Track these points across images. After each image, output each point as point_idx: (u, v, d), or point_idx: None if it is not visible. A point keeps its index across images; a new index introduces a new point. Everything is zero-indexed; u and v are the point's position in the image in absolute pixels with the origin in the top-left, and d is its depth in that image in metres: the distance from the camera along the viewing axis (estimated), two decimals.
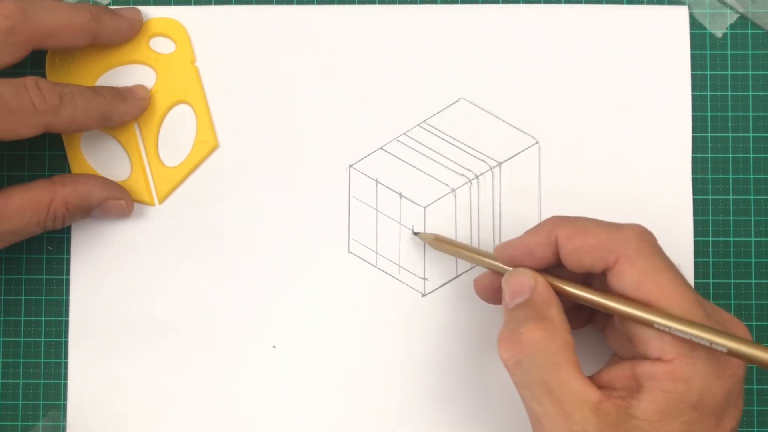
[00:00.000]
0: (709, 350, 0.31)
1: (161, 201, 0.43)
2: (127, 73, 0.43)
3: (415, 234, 0.42)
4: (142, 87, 0.42)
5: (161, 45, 0.43)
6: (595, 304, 0.34)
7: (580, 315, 0.38)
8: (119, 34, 0.41)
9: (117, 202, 0.41)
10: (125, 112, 0.41)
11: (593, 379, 0.34)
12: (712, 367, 0.32)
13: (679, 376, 0.32)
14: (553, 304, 0.34)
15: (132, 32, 0.42)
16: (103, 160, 0.43)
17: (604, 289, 0.34)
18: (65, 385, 0.42)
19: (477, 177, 0.43)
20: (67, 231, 0.43)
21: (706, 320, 0.32)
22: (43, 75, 0.42)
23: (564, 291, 0.35)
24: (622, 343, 0.36)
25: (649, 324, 0.32)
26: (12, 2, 0.37)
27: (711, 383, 0.32)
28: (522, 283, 0.35)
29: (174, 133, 0.43)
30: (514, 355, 0.33)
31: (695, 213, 0.43)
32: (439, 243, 0.41)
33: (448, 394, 0.42)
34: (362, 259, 0.43)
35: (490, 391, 0.42)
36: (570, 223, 0.35)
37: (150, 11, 0.43)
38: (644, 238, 0.33)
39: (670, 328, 0.32)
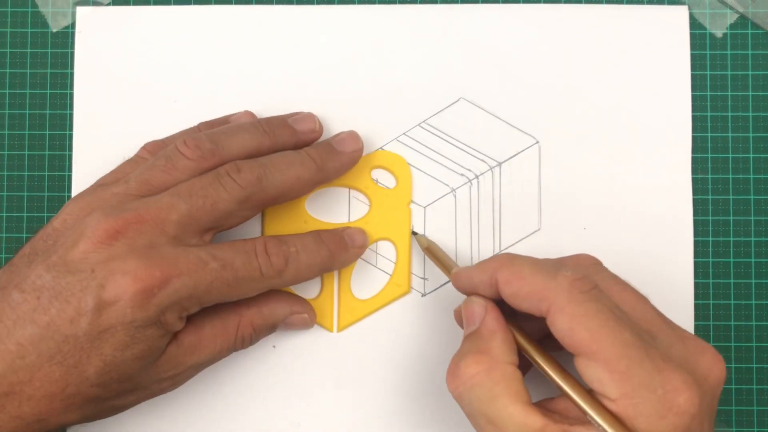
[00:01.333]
0: (652, 388, 0.31)
1: (340, 330, 0.42)
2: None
3: (414, 234, 0.42)
4: (362, 233, 0.41)
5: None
6: (534, 362, 0.35)
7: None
8: (340, 172, 0.41)
9: (300, 316, 0.41)
10: (344, 262, 0.40)
11: (551, 404, 0.34)
12: (656, 407, 0.31)
13: (623, 415, 0.32)
14: (496, 334, 0.35)
15: (352, 165, 0.41)
16: None
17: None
18: None
19: (477, 177, 0.43)
20: None
21: (646, 359, 0.32)
22: None
23: (519, 342, 0.35)
24: None
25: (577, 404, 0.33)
26: (250, 172, 0.37)
27: (656, 423, 0.31)
28: (474, 312, 0.36)
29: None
30: (455, 388, 0.34)
31: (695, 213, 0.43)
32: (428, 252, 0.41)
33: (448, 394, 0.42)
34: (362, 259, 0.43)
35: None
36: (511, 266, 0.35)
37: (374, 141, 0.43)
38: (577, 285, 0.33)
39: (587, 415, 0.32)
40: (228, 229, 0.38)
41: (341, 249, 0.40)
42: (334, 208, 0.43)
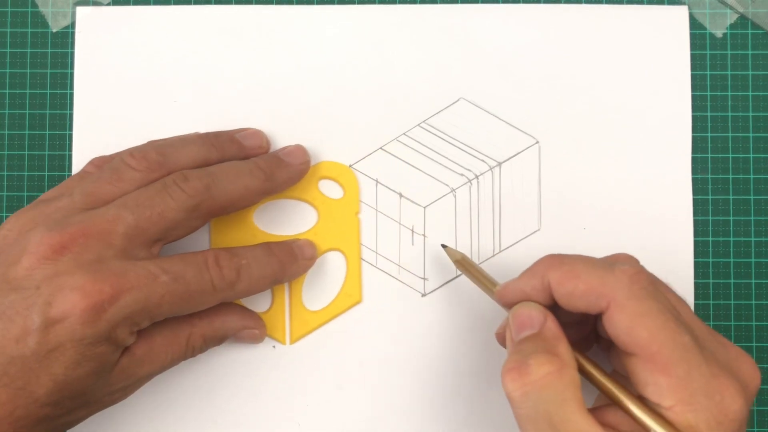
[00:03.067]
0: (709, 395, 0.31)
1: (293, 342, 0.42)
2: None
3: (444, 247, 0.42)
4: (311, 245, 0.41)
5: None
6: (591, 379, 0.34)
7: (586, 338, 0.37)
8: (289, 183, 0.41)
9: (250, 332, 0.41)
10: (294, 274, 0.40)
11: (599, 414, 0.33)
12: (714, 414, 0.31)
13: (683, 424, 0.31)
14: (562, 340, 0.34)
15: (300, 178, 0.41)
16: None
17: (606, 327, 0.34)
18: None
19: (477, 177, 0.43)
20: None
21: (703, 364, 0.31)
22: None
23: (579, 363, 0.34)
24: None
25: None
26: (198, 180, 0.37)
27: (715, 429, 0.31)
28: (531, 316, 0.34)
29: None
30: (521, 386, 0.32)
31: (695, 213, 0.43)
32: (461, 264, 0.40)
33: (448, 394, 0.42)
34: (362, 259, 0.43)
35: (490, 391, 0.42)
36: (562, 265, 0.34)
37: (321, 154, 0.43)
38: (636, 280, 0.33)
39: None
40: (176, 240, 0.37)
41: (291, 260, 0.40)
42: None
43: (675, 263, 0.42)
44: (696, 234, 0.43)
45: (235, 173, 0.38)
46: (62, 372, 0.34)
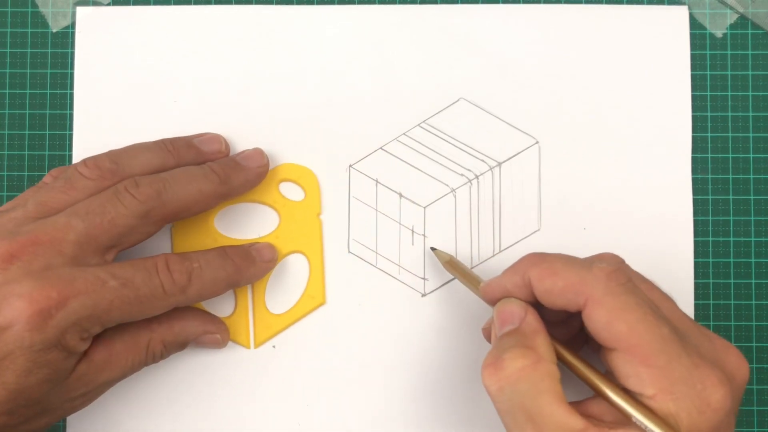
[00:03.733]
0: (690, 384, 0.31)
1: (257, 346, 0.42)
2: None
3: (432, 249, 0.42)
4: (270, 248, 0.41)
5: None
6: (572, 368, 0.35)
7: (576, 337, 0.38)
8: (246, 187, 0.41)
9: (212, 336, 0.41)
10: (252, 276, 0.40)
11: (583, 406, 0.34)
12: (695, 403, 0.31)
13: (664, 412, 0.31)
14: (540, 333, 0.34)
15: (258, 181, 0.41)
16: None
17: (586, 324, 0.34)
18: None
19: (477, 177, 0.43)
20: None
21: (683, 355, 0.32)
22: None
23: (558, 352, 0.35)
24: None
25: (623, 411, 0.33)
26: (149, 186, 0.37)
27: (696, 418, 0.31)
28: (512, 312, 0.35)
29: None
30: (496, 381, 0.33)
31: (695, 213, 0.43)
32: (449, 266, 0.41)
33: (448, 394, 0.42)
34: (362, 259, 0.43)
35: None
36: (542, 263, 0.35)
37: (280, 156, 0.42)
38: (613, 277, 0.33)
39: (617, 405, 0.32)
40: (131, 246, 0.37)
41: (248, 263, 0.40)
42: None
43: (675, 263, 0.42)
44: (696, 234, 0.43)
45: (187, 178, 0.38)
46: (14, 380, 0.33)
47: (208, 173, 0.39)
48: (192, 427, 0.42)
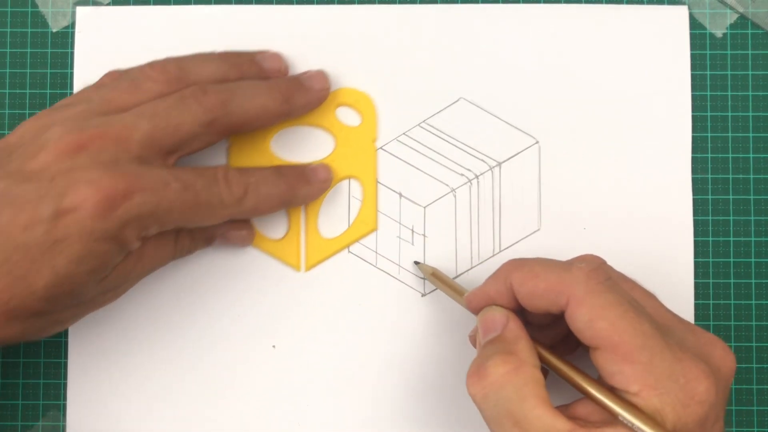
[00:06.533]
0: (673, 379, 0.32)
1: (308, 269, 0.42)
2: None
3: (416, 263, 0.42)
4: (326, 168, 0.41)
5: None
6: (554, 369, 0.35)
7: (565, 341, 0.38)
8: (307, 108, 0.41)
9: (238, 233, 0.41)
10: (307, 196, 0.40)
11: (570, 408, 0.34)
12: (679, 396, 0.31)
13: (649, 408, 0.32)
14: (522, 339, 0.34)
15: (319, 104, 0.41)
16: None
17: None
18: (65, 385, 0.42)
19: (477, 177, 0.43)
20: None
21: (666, 350, 0.32)
22: None
23: (541, 355, 0.35)
24: None
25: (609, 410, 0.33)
26: (215, 95, 0.37)
27: (680, 412, 0.31)
28: (494, 319, 0.35)
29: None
30: (480, 389, 0.33)
31: (695, 213, 0.43)
32: (433, 278, 0.41)
33: (448, 394, 0.42)
34: (362, 259, 0.43)
35: None
36: (522, 267, 0.35)
37: (340, 79, 0.42)
38: (592, 276, 0.33)
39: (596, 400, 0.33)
40: (191, 153, 0.38)
41: (302, 182, 0.40)
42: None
43: (675, 263, 0.42)
44: (696, 234, 0.43)
45: (252, 92, 0.38)
46: (64, 266, 0.33)
47: (272, 90, 0.39)
48: (192, 427, 0.42)
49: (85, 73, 0.43)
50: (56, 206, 0.33)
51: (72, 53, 0.44)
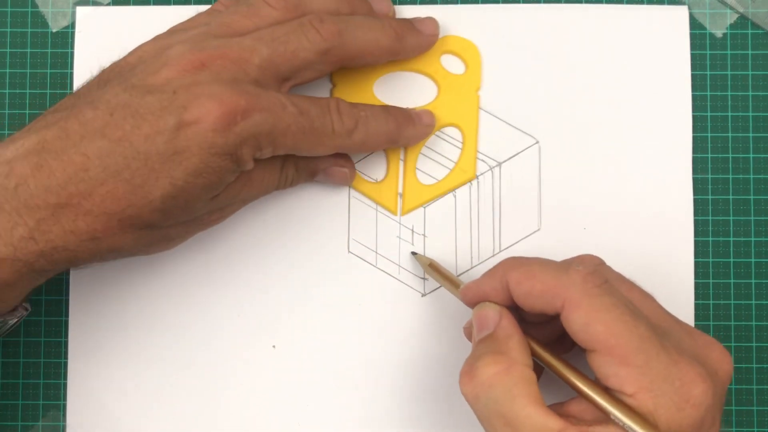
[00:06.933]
0: (669, 381, 0.32)
1: (404, 213, 0.42)
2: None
3: (414, 254, 0.42)
4: (429, 113, 0.41)
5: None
6: (547, 363, 0.35)
7: (562, 340, 0.38)
8: (417, 51, 0.41)
9: (340, 170, 0.41)
10: (411, 137, 0.41)
11: (563, 406, 0.34)
12: (674, 399, 0.31)
13: (643, 410, 0.32)
14: (513, 337, 0.35)
15: (428, 48, 0.42)
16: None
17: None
18: (65, 385, 0.42)
19: (477, 177, 0.43)
20: None
21: (662, 352, 0.32)
22: None
23: (531, 348, 0.35)
24: None
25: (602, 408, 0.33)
26: (333, 25, 0.37)
27: (675, 415, 0.31)
28: (488, 317, 0.36)
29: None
30: (471, 389, 0.34)
31: (695, 213, 0.43)
32: (430, 269, 0.41)
33: (448, 394, 0.42)
34: (362, 259, 0.43)
35: None
36: (520, 266, 0.35)
37: (447, 26, 0.43)
38: (589, 279, 0.33)
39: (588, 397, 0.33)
40: (303, 83, 0.38)
41: (408, 123, 0.40)
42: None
43: (675, 263, 0.42)
44: (696, 234, 0.43)
45: (367, 25, 0.39)
46: (182, 177, 0.34)
47: (386, 26, 0.39)
48: (192, 427, 0.42)
49: (85, 73, 0.43)
50: (178, 118, 0.34)
51: (72, 53, 0.44)
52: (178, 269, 0.42)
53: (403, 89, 0.43)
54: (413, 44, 0.41)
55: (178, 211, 0.35)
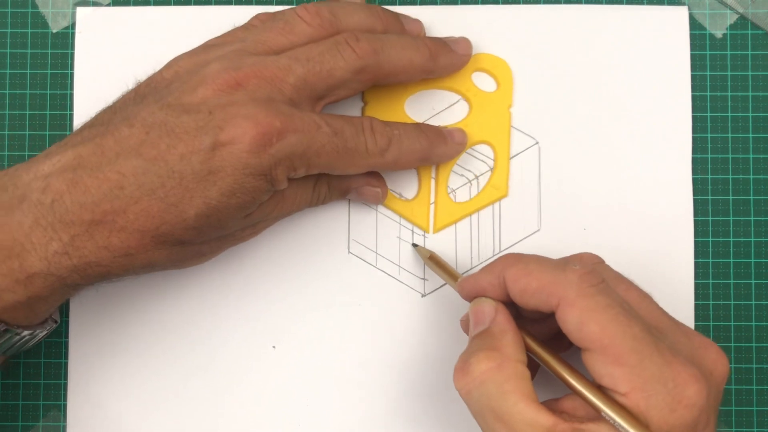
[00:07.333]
0: (662, 382, 0.32)
1: (436, 231, 0.42)
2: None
3: (414, 246, 0.42)
4: (461, 131, 0.41)
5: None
6: (542, 360, 0.35)
7: (558, 337, 0.38)
8: (450, 70, 0.42)
9: (373, 189, 0.41)
10: (444, 155, 0.41)
11: (557, 404, 0.34)
12: (666, 400, 0.31)
13: (635, 409, 0.32)
14: (507, 333, 0.35)
15: (460, 67, 0.42)
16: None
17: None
18: (65, 385, 0.42)
19: (477, 177, 0.43)
20: None
21: (656, 353, 0.32)
22: None
23: (527, 344, 0.35)
24: None
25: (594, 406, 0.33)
26: (368, 43, 0.37)
27: (667, 415, 0.31)
28: (484, 312, 0.36)
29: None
30: (464, 385, 0.34)
31: (695, 213, 0.43)
32: (430, 261, 0.41)
33: (448, 394, 0.42)
34: (362, 259, 0.43)
35: None
36: (518, 263, 0.35)
37: (479, 44, 0.43)
38: (586, 278, 0.33)
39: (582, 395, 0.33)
40: (337, 101, 0.38)
41: (441, 140, 0.40)
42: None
43: (675, 263, 0.42)
44: (696, 234, 0.43)
45: (402, 44, 0.39)
46: (216, 197, 0.34)
47: (420, 45, 0.39)
48: (192, 427, 0.42)
49: (85, 73, 0.43)
50: (214, 138, 0.34)
51: (72, 54, 0.44)
52: (178, 270, 0.42)
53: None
54: (447, 63, 0.41)
55: (211, 229, 0.35)
